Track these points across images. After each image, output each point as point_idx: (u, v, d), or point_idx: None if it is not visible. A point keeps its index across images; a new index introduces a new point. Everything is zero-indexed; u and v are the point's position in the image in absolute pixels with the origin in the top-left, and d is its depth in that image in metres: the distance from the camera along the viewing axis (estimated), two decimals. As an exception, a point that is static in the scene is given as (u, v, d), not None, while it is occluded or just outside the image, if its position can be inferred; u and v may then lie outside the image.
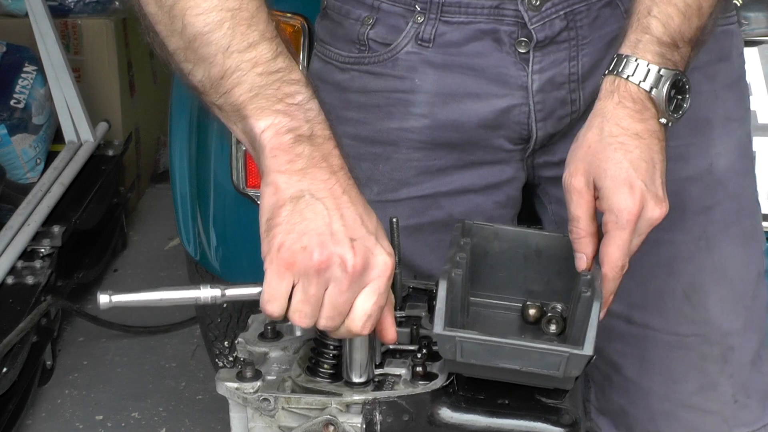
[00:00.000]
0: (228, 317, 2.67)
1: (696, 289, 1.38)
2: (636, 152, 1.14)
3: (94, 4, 3.91)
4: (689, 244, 1.37)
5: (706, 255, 1.37)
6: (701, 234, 1.37)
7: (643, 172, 1.14)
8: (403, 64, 1.35)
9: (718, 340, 1.39)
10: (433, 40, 1.33)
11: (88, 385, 3.08)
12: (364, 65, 1.38)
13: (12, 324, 2.68)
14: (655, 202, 1.14)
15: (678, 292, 1.38)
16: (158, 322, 3.36)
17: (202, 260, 2.48)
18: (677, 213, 1.31)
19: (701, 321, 1.39)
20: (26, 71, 3.58)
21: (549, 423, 1.07)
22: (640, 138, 1.14)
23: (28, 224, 3.09)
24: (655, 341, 1.40)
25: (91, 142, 3.67)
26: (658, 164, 1.15)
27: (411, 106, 1.36)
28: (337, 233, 0.99)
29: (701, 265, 1.37)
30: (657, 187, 1.14)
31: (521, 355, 1.04)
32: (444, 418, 1.07)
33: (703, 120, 1.35)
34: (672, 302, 1.38)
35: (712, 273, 1.38)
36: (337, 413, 1.07)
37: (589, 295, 1.09)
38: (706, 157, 1.36)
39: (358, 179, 1.14)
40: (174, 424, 2.91)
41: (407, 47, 1.34)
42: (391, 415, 1.07)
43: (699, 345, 1.39)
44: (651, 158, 1.15)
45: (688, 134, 1.33)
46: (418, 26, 1.33)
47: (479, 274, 1.19)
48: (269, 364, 1.15)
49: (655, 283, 1.38)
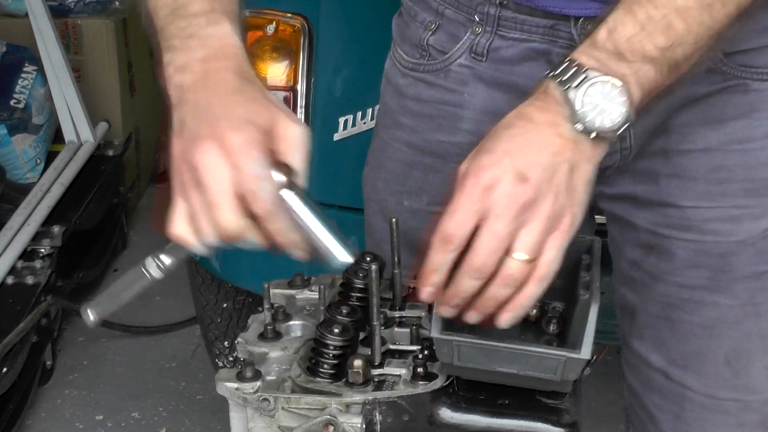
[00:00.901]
0: (228, 317, 2.67)
1: (739, 355, 1.33)
2: (517, 131, 1.04)
3: (94, 4, 3.91)
4: (735, 309, 1.31)
5: (754, 322, 1.32)
6: (749, 300, 1.31)
7: (513, 145, 1.03)
8: (455, 76, 1.33)
9: (759, 407, 1.35)
10: (487, 54, 1.30)
11: (88, 385, 3.08)
12: (420, 72, 1.37)
13: (12, 324, 2.68)
14: (516, 179, 1.01)
15: (719, 356, 1.33)
16: (158, 322, 3.36)
17: (202, 260, 2.48)
18: (724, 276, 1.30)
19: (742, 387, 1.34)
20: (26, 71, 3.58)
21: (549, 423, 1.07)
22: (531, 122, 1.04)
23: (28, 224, 3.09)
24: (692, 401, 1.36)
25: (91, 142, 3.67)
26: (545, 151, 1.03)
27: (459, 120, 1.34)
28: None
29: (747, 331, 1.32)
30: (529, 168, 1.02)
31: (518, 358, 1.04)
32: (444, 418, 1.07)
33: (762, 181, 1.27)
34: (712, 365, 1.34)
35: (758, 340, 1.33)
36: (337, 413, 1.07)
37: (587, 297, 1.08)
38: (761, 222, 1.28)
39: (411, 187, 1.22)
40: (174, 424, 2.92)
41: (461, 59, 1.32)
42: (391, 415, 1.07)
43: (738, 411, 1.35)
44: (534, 140, 1.03)
45: (742, 195, 1.28)
46: (474, 38, 1.30)
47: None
48: (269, 364, 1.15)
49: (696, 342, 1.33)
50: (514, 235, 1.02)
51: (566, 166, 1.03)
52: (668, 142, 1.28)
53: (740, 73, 1.24)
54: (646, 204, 1.32)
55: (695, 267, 1.31)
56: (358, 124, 2.23)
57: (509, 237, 1.02)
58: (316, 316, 1.21)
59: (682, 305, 1.32)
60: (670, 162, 1.29)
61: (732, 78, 1.24)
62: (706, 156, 1.27)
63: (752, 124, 1.25)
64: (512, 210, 1.01)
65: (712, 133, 1.26)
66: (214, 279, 2.60)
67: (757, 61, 1.24)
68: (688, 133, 1.27)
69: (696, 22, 1.06)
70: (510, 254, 1.02)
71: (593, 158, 1.05)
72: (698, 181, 1.28)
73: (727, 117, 1.26)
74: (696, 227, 1.29)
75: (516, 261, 1.02)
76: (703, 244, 1.30)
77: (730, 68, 1.24)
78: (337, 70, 2.31)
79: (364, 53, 2.28)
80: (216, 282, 2.62)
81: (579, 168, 1.04)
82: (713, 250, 1.29)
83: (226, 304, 2.66)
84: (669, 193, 1.30)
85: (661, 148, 1.29)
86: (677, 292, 1.32)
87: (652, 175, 1.31)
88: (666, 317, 1.34)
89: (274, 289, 1.26)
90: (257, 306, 1.05)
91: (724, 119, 1.26)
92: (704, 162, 1.27)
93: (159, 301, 3.52)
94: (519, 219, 1.02)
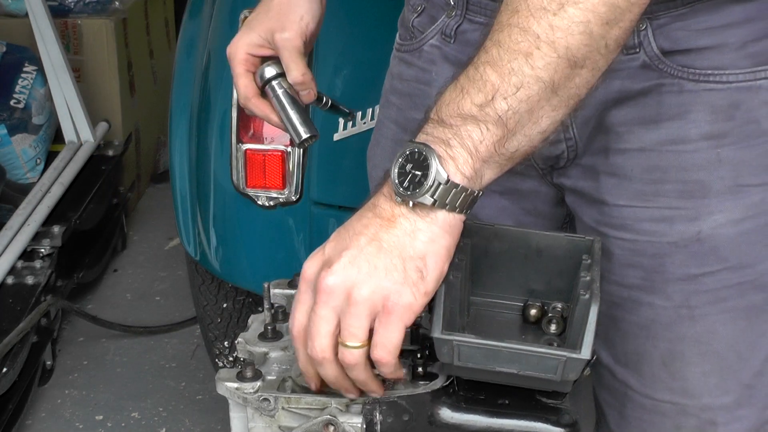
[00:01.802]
0: (228, 317, 2.67)
1: (674, 358, 1.32)
2: (357, 228, 1.05)
3: (94, 4, 3.91)
4: (669, 311, 1.30)
5: (689, 325, 1.30)
6: (683, 302, 1.29)
7: (335, 235, 1.07)
8: (426, 56, 1.39)
9: (696, 412, 1.33)
10: (455, 36, 1.34)
11: (88, 385, 3.08)
12: (402, 52, 1.44)
13: (12, 324, 2.69)
14: (322, 267, 1.04)
15: (656, 357, 1.33)
16: (158, 322, 3.36)
17: (202, 260, 2.48)
18: (657, 277, 1.29)
19: (679, 390, 1.33)
20: (26, 71, 3.58)
21: (549, 423, 1.07)
22: (370, 219, 1.05)
23: (28, 224, 3.09)
24: (632, 401, 1.36)
25: (91, 142, 3.67)
26: (356, 235, 1.04)
27: (428, 98, 1.36)
28: None
29: (681, 334, 1.31)
30: (336, 254, 1.04)
31: (518, 358, 1.04)
32: (444, 418, 1.07)
33: (696, 183, 1.25)
34: (649, 366, 1.33)
35: (694, 344, 1.31)
36: (337, 413, 1.07)
37: (588, 297, 1.08)
38: (694, 224, 1.26)
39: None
40: (174, 424, 2.92)
41: (432, 40, 1.37)
42: (391, 415, 1.07)
43: (675, 414, 1.34)
44: (349, 227, 1.06)
45: (675, 196, 1.26)
46: (447, 20, 1.35)
47: (480, 274, 1.19)
48: (269, 364, 1.15)
49: (635, 342, 1.34)
50: (341, 323, 1.04)
51: (373, 246, 1.03)
52: (608, 141, 1.29)
53: (677, 73, 1.23)
54: (589, 201, 1.33)
55: (631, 266, 1.31)
56: (358, 124, 2.23)
57: (329, 325, 1.04)
58: (316, 316, 1.21)
59: (622, 304, 1.33)
60: (608, 160, 1.29)
61: (667, 76, 1.23)
62: (641, 156, 1.27)
63: (687, 126, 1.24)
64: (320, 298, 1.03)
65: (648, 134, 1.26)
66: (214, 279, 2.60)
67: (696, 62, 1.22)
68: (625, 132, 1.27)
69: (506, 71, 1.02)
70: (342, 342, 1.04)
71: (422, 229, 1.04)
72: (633, 181, 1.28)
73: (662, 117, 1.25)
74: (630, 226, 1.29)
75: (347, 348, 1.04)
76: (637, 244, 1.29)
77: (667, 66, 1.23)
78: (337, 70, 2.31)
79: (364, 53, 2.28)
80: (216, 282, 2.62)
81: (393, 244, 1.03)
82: (647, 250, 1.29)
83: (226, 304, 2.66)
84: (607, 191, 1.30)
85: (602, 146, 1.29)
86: (617, 290, 1.32)
87: (593, 172, 1.31)
88: (611, 316, 1.34)
89: (274, 289, 1.26)
90: (257, 306, 1.06)
91: (659, 120, 1.25)
92: (639, 162, 1.27)
93: (159, 301, 3.53)
94: (332, 306, 1.03)
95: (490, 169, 1.05)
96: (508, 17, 1.03)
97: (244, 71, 1.41)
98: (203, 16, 2.53)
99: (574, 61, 1.02)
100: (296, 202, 2.28)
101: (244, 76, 1.41)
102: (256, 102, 1.41)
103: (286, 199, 2.28)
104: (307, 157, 2.25)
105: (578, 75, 1.04)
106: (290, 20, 1.38)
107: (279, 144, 2.25)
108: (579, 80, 1.04)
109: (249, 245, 2.38)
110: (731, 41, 1.21)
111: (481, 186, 1.05)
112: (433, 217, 1.04)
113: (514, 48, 1.02)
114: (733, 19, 1.21)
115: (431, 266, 1.04)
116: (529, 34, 1.02)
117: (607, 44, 1.03)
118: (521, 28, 1.02)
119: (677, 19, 1.21)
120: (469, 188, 1.04)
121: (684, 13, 1.21)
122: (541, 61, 1.02)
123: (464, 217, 1.06)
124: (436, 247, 1.04)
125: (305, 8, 1.40)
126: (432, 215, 1.04)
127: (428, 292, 1.04)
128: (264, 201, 2.29)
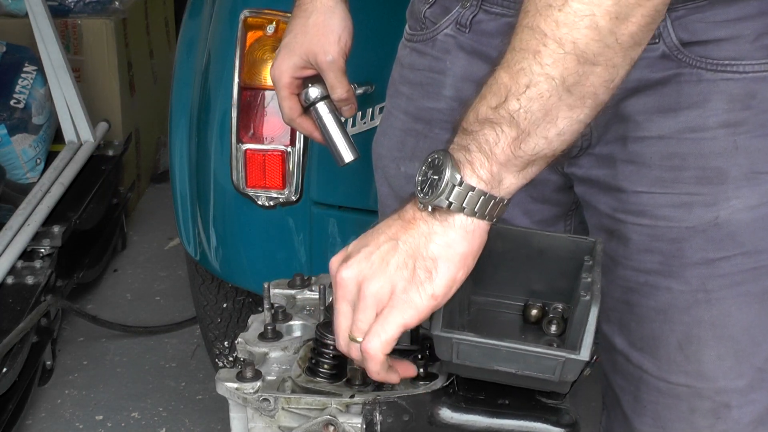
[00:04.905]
0: (228, 317, 2.67)
1: (690, 341, 1.34)
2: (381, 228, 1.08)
3: (94, 4, 3.91)
4: (687, 295, 1.32)
5: (705, 309, 1.32)
6: (700, 286, 1.32)
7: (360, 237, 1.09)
8: (440, 45, 1.40)
9: (711, 395, 1.35)
10: (470, 26, 1.36)
11: (88, 385, 3.08)
12: (414, 42, 1.45)
13: (12, 324, 2.68)
14: (341, 262, 1.08)
15: (672, 341, 1.34)
16: (158, 322, 3.36)
17: (202, 260, 2.48)
18: (675, 261, 1.31)
19: (694, 373, 1.35)
20: (26, 71, 3.58)
21: (549, 423, 1.07)
22: (394, 221, 1.08)
23: (28, 224, 3.09)
24: (647, 384, 1.38)
25: (91, 142, 3.67)
26: (378, 235, 1.07)
27: (442, 87, 1.41)
28: None
29: (698, 318, 1.33)
30: (355, 251, 1.07)
31: (517, 358, 1.04)
32: (444, 418, 1.07)
33: (714, 170, 1.28)
34: (665, 349, 1.35)
35: (710, 328, 1.33)
36: (337, 413, 1.07)
37: (588, 298, 1.08)
38: (712, 209, 1.29)
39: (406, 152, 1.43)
40: (174, 424, 2.92)
41: (447, 29, 1.39)
42: (391, 415, 1.07)
43: (689, 397, 1.36)
44: (377, 229, 1.08)
45: (694, 183, 1.28)
46: (462, 11, 1.36)
47: (482, 273, 1.19)
48: (269, 364, 1.15)
49: (651, 326, 1.35)
50: (353, 317, 1.07)
51: (389, 244, 1.06)
52: (626, 129, 1.31)
53: (695, 63, 1.25)
54: (605, 188, 1.35)
55: (649, 252, 1.33)
56: (358, 124, 2.23)
57: (347, 320, 1.07)
58: (316, 316, 1.21)
59: (638, 289, 1.34)
60: (626, 148, 1.31)
61: (686, 66, 1.25)
62: (660, 143, 1.29)
63: (705, 114, 1.26)
64: (338, 292, 1.07)
65: (667, 122, 1.28)
66: (214, 279, 2.60)
67: (714, 53, 1.25)
68: (644, 120, 1.29)
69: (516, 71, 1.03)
70: (351, 336, 1.07)
71: (438, 232, 1.05)
72: (652, 168, 1.30)
73: (681, 106, 1.27)
74: (649, 212, 1.31)
75: (354, 342, 1.07)
76: (656, 230, 1.31)
77: (686, 57, 1.25)
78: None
79: (364, 53, 2.28)
80: (216, 282, 2.62)
81: (409, 244, 1.05)
82: (665, 235, 1.31)
83: (226, 304, 2.66)
84: (625, 179, 1.32)
85: (619, 134, 1.31)
86: (634, 276, 1.34)
87: (610, 160, 1.33)
88: (626, 301, 1.36)
89: (274, 289, 1.26)
90: (257, 306, 1.06)
91: (678, 108, 1.27)
92: (658, 149, 1.29)
93: (159, 301, 3.53)
94: (348, 300, 1.07)
95: (510, 173, 1.05)
96: (521, 20, 1.05)
97: (289, 94, 1.51)
98: (203, 16, 2.53)
99: (584, 58, 1.02)
100: (296, 202, 2.28)
101: (289, 99, 1.51)
102: (300, 121, 1.53)
103: (286, 199, 2.28)
104: (307, 157, 2.25)
105: (592, 73, 1.03)
106: (330, 42, 1.46)
107: (279, 144, 2.25)
108: (594, 79, 1.04)
109: (249, 245, 2.37)
110: (746, 33, 1.24)
111: (501, 192, 1.06)
112: (451, 222, 1.05)
113: (524, 48, 1.03)
114: (747, 12, 1.23)
115: (442, 270, 1.05)
116: (537, 33, 1.02)
117: (619, 40, 1.03)
118: (530, 28, 1.03)
119: (695, 11, 1.23)
120: (487, 192, 1.04)
121: (701, 6, 1.23)
122: (549, 59, 1.02)
123: (487, 224, 1.06)
124: (450, 253, 1.05)
125: (341, 26, 1.47)
126: (449, 219, 1.05)
127: (435, 295, 1.04)
128: (264, 201, 2.29)
